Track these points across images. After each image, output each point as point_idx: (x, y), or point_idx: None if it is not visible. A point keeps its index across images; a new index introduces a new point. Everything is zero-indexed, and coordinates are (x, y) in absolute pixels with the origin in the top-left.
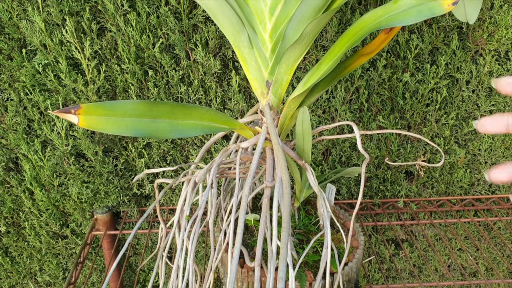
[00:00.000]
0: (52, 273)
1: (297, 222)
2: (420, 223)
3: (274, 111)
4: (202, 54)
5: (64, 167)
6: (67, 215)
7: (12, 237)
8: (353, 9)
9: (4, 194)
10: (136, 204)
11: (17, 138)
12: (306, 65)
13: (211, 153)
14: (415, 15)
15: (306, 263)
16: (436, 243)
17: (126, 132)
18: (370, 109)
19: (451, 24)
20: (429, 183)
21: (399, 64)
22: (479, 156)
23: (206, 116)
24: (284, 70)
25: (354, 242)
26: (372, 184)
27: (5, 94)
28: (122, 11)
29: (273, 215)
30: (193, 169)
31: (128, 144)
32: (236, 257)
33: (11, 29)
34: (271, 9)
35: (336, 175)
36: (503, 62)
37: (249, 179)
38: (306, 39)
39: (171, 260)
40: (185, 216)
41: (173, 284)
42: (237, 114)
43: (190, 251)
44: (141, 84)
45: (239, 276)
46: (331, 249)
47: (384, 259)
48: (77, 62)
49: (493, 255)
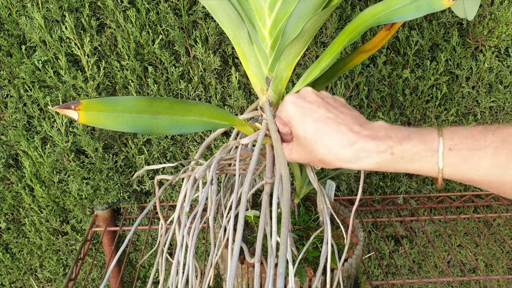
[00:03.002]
0: (53, 269)
1: (297, 218)
2: (420, 219)
3: (274, 108)
4: (202, 50)
5: (64, 163)
6: (67, 212)
7: (12, 233)
8: (353, 5)
9: (4, 191)
10: (136, 201)
11: (17, 135)
12: (306, 62)
13: (211, 150)
14: (414, 10)
15: (306, 259)
16: (436, 239)
17: (126, 128)
18: (370, 105)
19: (451, 20)
20: (429, 180)
21: (399, 61)
22: None
23: (206, 113)
24: (283, 67)
25: (353, 238)
26: (372, 181)
27: (4, 90)
28: (121, 8)
29: (273, 212)
30: (193, 165)
31: (128, 140)
32: (236, 253)
33: (10, 26)
34: (270, 5)
35: (335, 172)
36: (503, 58)
37: (249, 176)
38: (306, 35)
39: (171, 256)
40: (185, 213)
41: (173, 280)
42: (237, 110)
43: (190, 247)
44: (141, 81)
45: (239, 272)
46: (331, 245)
47: (384, 255)
48: (76, 58)
49: (493, 251)
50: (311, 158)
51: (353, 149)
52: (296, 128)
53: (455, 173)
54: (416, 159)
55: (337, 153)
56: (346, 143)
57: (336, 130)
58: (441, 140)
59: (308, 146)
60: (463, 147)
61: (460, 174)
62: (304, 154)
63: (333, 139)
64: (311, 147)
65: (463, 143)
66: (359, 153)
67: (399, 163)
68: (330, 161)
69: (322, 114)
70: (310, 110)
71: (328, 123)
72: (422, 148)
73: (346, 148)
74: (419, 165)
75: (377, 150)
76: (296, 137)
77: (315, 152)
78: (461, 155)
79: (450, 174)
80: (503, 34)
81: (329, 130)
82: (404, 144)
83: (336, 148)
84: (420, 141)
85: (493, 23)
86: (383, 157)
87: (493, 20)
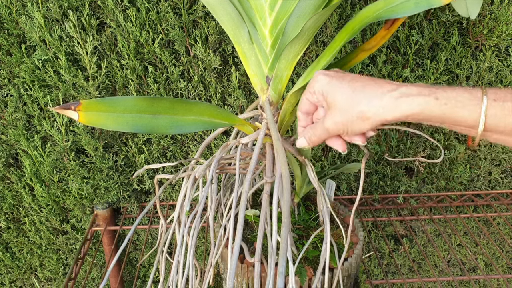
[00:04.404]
0: (53, 268)
1: (297, 217)
2: (420, 219)
3: (274, 107)
4: (202, 49)
5: (64, 162)
6: (67, 211)
7: (12, 232)
8: (353, 5)
9: (4, 190)
10: (136, 200)
11: (17, 134)
12: (306, 61)
13: (211, 149)
14: (413, 6)
15: (306, 259)
16: (436, 239)
17: (126, 128)
18: None
19: (451, 19)
20: (429, 179)
21: (399, 60)
22: (479, 152)
23: (206, 112)
24: (284, 66)
25: (353, 237)
26: (372, 180)
27: (4, 90)
28: (121, 7)
29: (273, 211)
30: (193, 164)
31: (128, 140)
32: (236, 253)
33: (10, 25)
34: (271, 4)
35: (336, 171)
36: (503, 57)
37: (249, 175)
38: (306, 34)
39: (171, 256)
40: (185, 212)
41: (173, 279)
42: (237, 109)
43: (190, 246)
44: (141, 80)
45: (239, 272)
46: (331, 245)
47: (384, 255)
48: (76, 57)
49: (493, 251)
50: (349, 117)
51: (394, 94)
52: (332, 93)
53: (498, 125)
54: (460, 107)
55: (379, 100)
56: (387, 90)
57: (374, 81)
58: (484, 94)
59: (346, 104)
60: (508, 99)
61: (503, 125)
62: (340, 117)
63: (372, 88)
64: (350, 103)
65: (507, 97)
66: (402, 97)
67: (441, 110)
68: (370, 111)
69: (355, 75)
70: (343, 75)
71: (363, 79)
72: (467, 97)
73: (387, 95)
74: (462, 114)
75: (420, 93)
76: (332, 103)
77: (354, 108)
78: (506, 107)
79: (492, 126)
80: (503, 33)
81: (367, 82)
82: (449, 92)
83: (377, 95)
84: (464, 91)
85: (493, 22)
86: (427, 100)
87: (493, 19)
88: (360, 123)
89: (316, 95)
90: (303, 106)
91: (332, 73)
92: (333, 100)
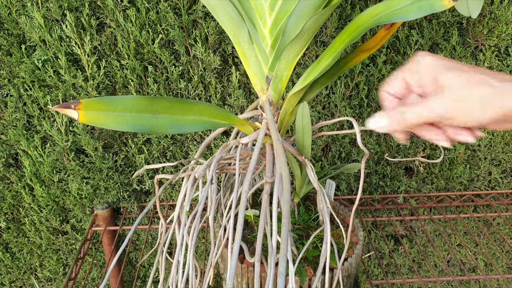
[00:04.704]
0: (53, 268)
1: (297, 217)
2: (420, 219)
3: (274, 107)
4: (201, 49)
5: (64, 163)
6: (67, 211)
7: (12, 233)
8: (353, 5)
9: (4, 190)
10: (136, 200)
11: (17, 134)
12: (306, 61)
13: (211, 149)
14: (416, 10)
15: (306, 259)
16: (436, 239)
17: (126, 128)
18: (370, 104)
19: (451, 19)
20: (429, 179)
21: (399, 60)
22: (479, 152)
23: (206, 112)
24: (284, 66)
25: (353, 237)
26: (372, 180)
27: (4, 90)
28: (121, 7)
29: (273, 211)
30: (193, 164)
31: (128, 140)
32: (236, 253)
33: (10, 25)
34: (271, 4)
35: (335, 171)
36: (503, 57)
37: (249, 175)
38: (306, 34)
39: (171, 256)
40: (185, 212)
41: (173, 280)
42: (237, 110)
43: (190, 246)
44: (141, 80)
45: (239, 272)
46: (331, 245)
47: (384, 255)
48: (76, 58)
49: (492, 251)
50: (468, 103)
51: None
52: (444, 73)
53: None
54: None
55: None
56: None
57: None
58: None
59: (466, 89)
60: None
61: None
62: (453, 97)
63: (486, 70)
64: (470, 87)
65: None
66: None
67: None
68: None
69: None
70: (449, 60)
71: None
72: None
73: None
74: None
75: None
76: (445, 83)
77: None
78: None
79: None
80: (503, 33)
81: (483, 70)
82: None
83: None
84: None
85: (493, 22)
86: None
87: (493, 19)
88: (482, 101)
89: (420, 74)
90: (396, 85)
91: (439, 56)
92: (445, 79)
